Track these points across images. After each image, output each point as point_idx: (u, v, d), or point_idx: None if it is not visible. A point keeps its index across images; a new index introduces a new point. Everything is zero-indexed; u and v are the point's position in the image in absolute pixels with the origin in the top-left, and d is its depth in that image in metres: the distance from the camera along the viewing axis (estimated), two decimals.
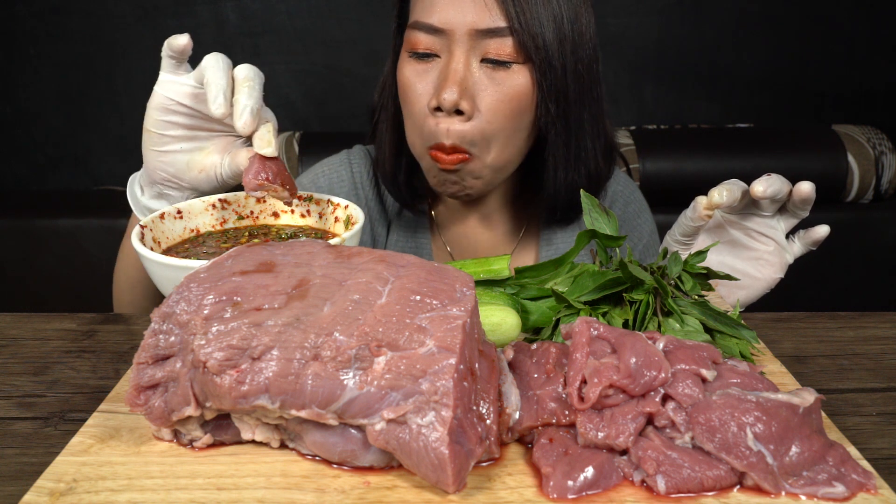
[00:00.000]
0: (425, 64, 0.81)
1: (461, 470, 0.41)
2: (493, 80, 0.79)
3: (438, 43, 0.80)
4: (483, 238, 0.98)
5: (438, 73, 0.80)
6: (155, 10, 1.96)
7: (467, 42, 0.78)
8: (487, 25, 0.77)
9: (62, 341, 0.74)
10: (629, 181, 1.05)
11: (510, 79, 0.79)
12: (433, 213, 1.00)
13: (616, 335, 0.48)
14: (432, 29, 0.79)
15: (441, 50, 0.80)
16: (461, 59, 0.79)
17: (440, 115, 0.80)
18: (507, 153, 0.83)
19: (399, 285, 0.47)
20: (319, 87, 2.04)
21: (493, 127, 0.80)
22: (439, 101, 0.78)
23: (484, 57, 0.79)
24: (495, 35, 0.78)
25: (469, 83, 0.79)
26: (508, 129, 0.81)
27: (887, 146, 1.77)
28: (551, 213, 0.93)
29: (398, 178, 0.95)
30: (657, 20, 2.02)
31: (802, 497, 0.42)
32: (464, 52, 0.79)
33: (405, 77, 0.83)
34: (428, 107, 0.81)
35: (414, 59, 0.82)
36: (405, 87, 0.83)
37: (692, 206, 0.76)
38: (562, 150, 0.86)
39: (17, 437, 0.57)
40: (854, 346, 0.70)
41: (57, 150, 2.08)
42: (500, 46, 0.78)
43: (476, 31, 0.78)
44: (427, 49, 0.80)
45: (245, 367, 0.44)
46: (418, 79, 0.82)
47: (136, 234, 0.66)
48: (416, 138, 0.84)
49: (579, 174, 0.88)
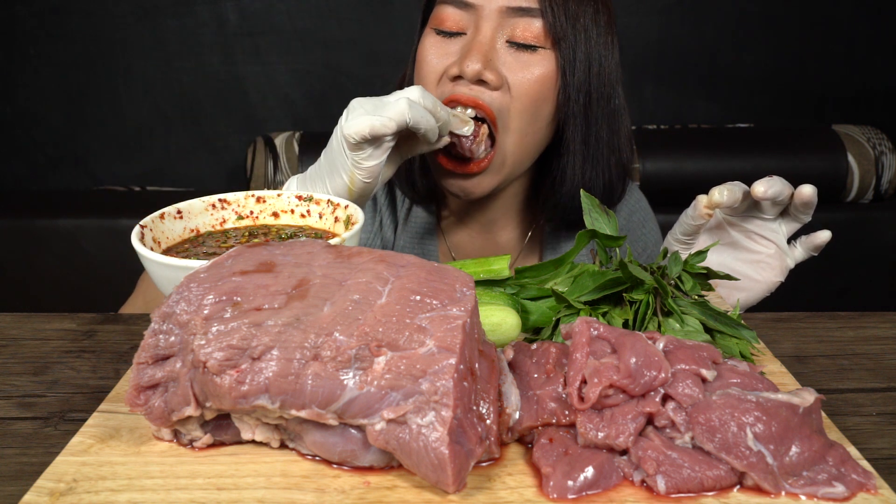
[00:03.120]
0: (449, 40, 0.80)
1: (461, 470, 0.41)
2: (518, 61, 0.79)
3: (466, 19, 0.79)
4: (487, 244, 0.98)
5: (462, 46, 0.80)
6: (155, 10, 1.96)
7: (496, 19, 0.78)
8: (519, 3, 0.77)
9: (62, 341, 0.74)
10: (634, 189, 1.04)
11: (535, 62, 0.79)
12: (440, 218, 1.00)
13: (616, 335, 0.48)
14: (462, 3, 0.78)
15: (467, 27, 0.80)
16: (488, 34, 0.78)
17: (460, 83, 0.78)
18: (525, 142, 0.83)
19: (399, 285, 0.47)
20: (319, 87, 2.04)
21: (517, 104, 0.79)
22: (461, 69, 0.77)
23: (510, 39, 0.79)
24: (525, 14, 0.77)
25: (493, 57, 0.78)
26: (530, 112, 0.80)
27: (887, 146, 1.77)
28: (561, 213, 0.92)
29: (413, 174, 0.94)
30: (657, 20, 2.02)
31: (802, 497, 0.42)
32: (491, 28, 0.78)
33: (425, 49, 0.81)
34: (447, 75, 0.79)
35: (438, 35, 0.81)
36: (422, 59, 0.81)
37: (693, 205, 0.76)
38: (579, 146, 0.85)
39: (17, 437, 0.57)
40: (854, 346, 0.70)
41: (57, 150, 2.08)
42: (527, 28, 0.78)
43: (507, 8, 0.77)
44: (453, 25, 0.80)
45: (245, 367, 0.44)
46: (438, 51, 0.80)
47: (135, 234, 0.66)
48: None
49: (595, 178, 0.87)
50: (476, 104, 0.79)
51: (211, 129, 2.07)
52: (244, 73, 2.00)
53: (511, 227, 0.98)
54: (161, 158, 2.09)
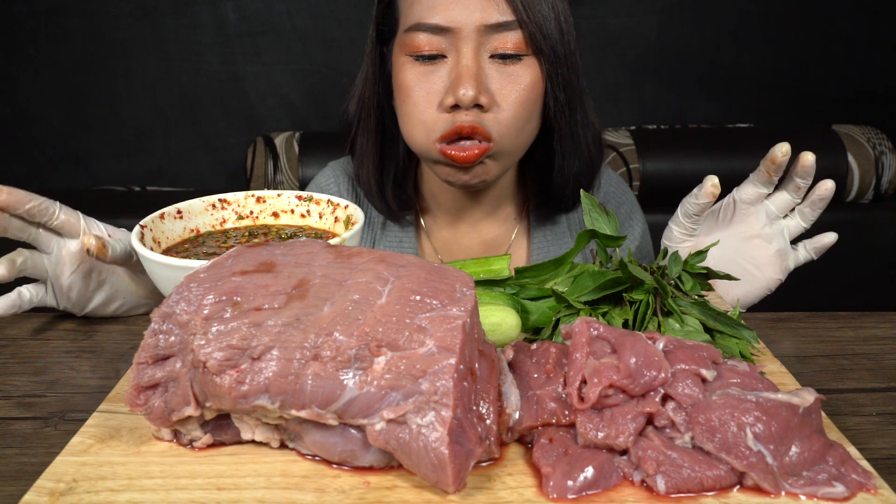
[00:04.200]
0: (430, 65, 0.80)
1: (461, 470, 0.41)
2: (504, 74, 0.79)
3: (444, 43, 0.79)
4: (473, 243, 0.98)
5: (448, 72, 0.80)
6: (155, 10, 1.96)
7: (475, 39, 0.78)
8: (496, 20, 0.77)
9: (62, 341, 0.74)
10: (621, 182, 1.05)
11: (521, 71, 0.80)
12: (421, 222, 1.00)
13: (616, 335, 0.48)
14: (437, 29, 0.78)
15: (447, 50, 0.79)
16: (471, 56, 0.78)
17: (457, 112, 0.79)
18: (519, 141, 0.84)
19: (399, 285, 0.47)
20: (319, 87, 2.04)
21: (510, 116, 0.80)
22: (457, 98, 0.77)
23: (493, 52, 0.79)
24: (504, 29, 0.78)
25: (483, 78, 0.79)
26: (522, 118, 0.81)
27: (887, 146, 1.77)
28: (555, 201, 0.94)
29: (385, 191, 0.94)
30: (657, 20, 2.02)
31: (802, 497, 0.42)
32: (472, 48, 0.78)
33: (407, 80, 0.81)
34: (441, 106, 0.79)
35: (417, 62, 0.81)
36: (408, 89, 0.82)
37: (701, 184, 0.76)
38: (568, 139, 0.87)
39: (17, 437, 0.57)
40: (854, 346, 0.70)
41: (57, 150, 2.08)
42: (508, 40, 0.78)
43: (485, 26, 0.77)
44: (432, 50, 0.79)
45: (245, 367, 0.44)
46: (423, 80, 0.81)
47: (135, 234, 0.66)
48: (421, 136, 0.82)
49: (580, 162, 0.90)
50: (473, 130, 0.80)
51: (211, 129, 2.07)
52: (244, 73, 2.00)
53: (497, 222, 0.98)
54: (161, 158, 2.09)
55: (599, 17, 1.99)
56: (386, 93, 0.90)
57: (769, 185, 0.76)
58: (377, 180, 0.93)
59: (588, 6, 1.97)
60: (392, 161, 0.94)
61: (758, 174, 0.76)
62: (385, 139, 0.92)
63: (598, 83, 2.06)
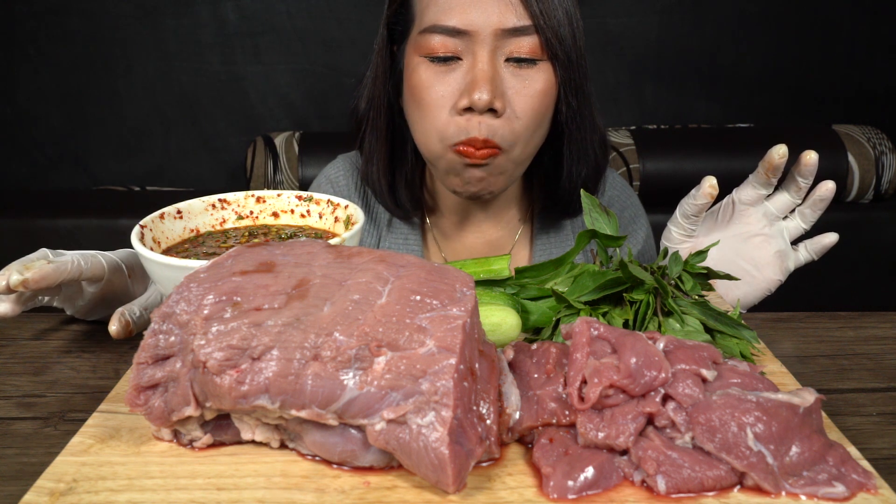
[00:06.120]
0: (445, 66, 0.80)
1: (461, 470, 0.41)
2: (519, 78, 0.79)
3: (460, 45, 0.79)
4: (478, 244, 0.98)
5: (463, 74, 0.80)
6: (155, 10, 1.96)
7: (491, 42, 0.78)
8: (513, 24, 0.77)
9: (62, 341, 0.74)
10: (626, 185, 1.05)
11: (537, 76, 0.79)
12: (427, 224, 1.00)
13: (616, 335, 0.48)
14: (454, 31, 0.78)
15: (463, 52, 0.79)
16: (487, 59, 0.78)
17: (471, 115, 0.79)
18: (529, 149, 0.84)
19: (399, 285, 0.47)
20: (319, 87, 2.04)
21: (523, 123, 0.80)
22: (471, 102, 0.77)
23: (509, 56, 0.79)
24: (520, 34, 0.77)
25: (498, 82, 0.78)
26: (534, 125, 0.81)
27: (887, 146, 1.77)
28: (562, 206, 0.94)
29: (396, 192, 0.94)
30: (657, 20, 2.02)
31: (802, 497, 0.42)
32: (488, 51, 0.78)
33: (422, 81, 0.81)
34: (455, 108, 0.79)
35: (432, 63, 0.81)
36: (422, 91, 0.81)
37: (699, 185, 0.76)
38: (577, 143, 0.87)
39: (17, 437, 0.57)
40: (854, 346, 0.70)
41: (57, 150, 2.08)
42: (524, 45, 0.78)
43: (502, 30, 0.77)
44: (447, 52, 0.79)
45: (245, 367, 0.44)
46: (438, 81, 0.80)
47: (135, 234, 0.66)
48: (433, 140, 0.82)
49: (588, 166, 0.90)
50: (489, 154, 0.80)
51: (211, 129, 2.07)
52: (244, 73, 2.00)
53: (501, 224, 0.98)
54: (161, 158, 2.09)
55: (599, 17, 1.99)
56: (396, 92, 0.90)
57: (768, 186, 0.76)
58: (388, 180, 0.93)
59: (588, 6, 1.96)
60: (402, 161, 0.94)
61: (756, 176, 0.76)
62: (395, 139, 0.92)
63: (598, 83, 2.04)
